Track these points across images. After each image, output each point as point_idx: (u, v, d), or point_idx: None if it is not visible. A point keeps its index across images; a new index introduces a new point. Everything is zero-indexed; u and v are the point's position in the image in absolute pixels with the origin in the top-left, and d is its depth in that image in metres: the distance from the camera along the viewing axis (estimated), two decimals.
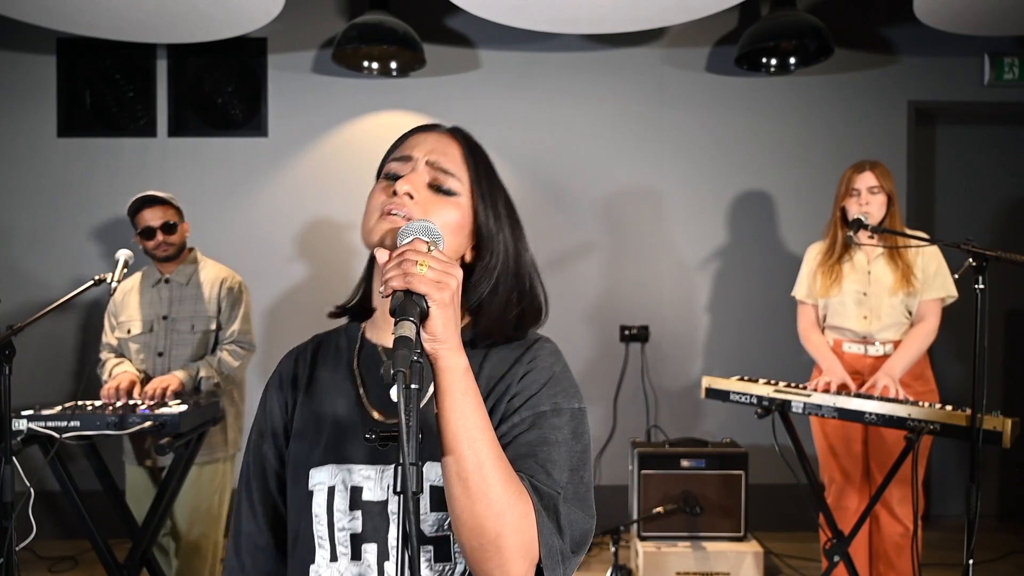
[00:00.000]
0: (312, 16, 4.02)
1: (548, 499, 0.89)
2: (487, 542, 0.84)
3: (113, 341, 2.93)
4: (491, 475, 0.84)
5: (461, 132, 1.08)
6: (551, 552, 0.87)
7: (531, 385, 0.97)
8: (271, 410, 1.09)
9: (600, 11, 3.41)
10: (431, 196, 1.00)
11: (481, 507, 0.84)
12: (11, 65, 4.01)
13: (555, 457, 0.92)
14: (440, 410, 0.86)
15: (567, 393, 0.98)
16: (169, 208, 2.87)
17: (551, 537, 0.87)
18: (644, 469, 3.29)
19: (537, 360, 1.00)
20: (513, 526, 0.85)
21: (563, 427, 0.95)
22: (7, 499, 2.05)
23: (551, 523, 0.88)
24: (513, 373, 0.99)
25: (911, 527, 2.69)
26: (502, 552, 0.85)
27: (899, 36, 4.05)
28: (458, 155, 1.04)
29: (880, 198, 2.78)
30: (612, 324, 4.08)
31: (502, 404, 0.96)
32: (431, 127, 1.08)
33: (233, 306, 2.93)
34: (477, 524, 0.84)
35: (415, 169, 1.01)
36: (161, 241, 2.85)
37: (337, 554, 0.97)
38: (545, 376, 0.98)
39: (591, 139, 4.08)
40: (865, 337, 2.83)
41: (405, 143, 1.06)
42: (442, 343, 0.85)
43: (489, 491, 0.84)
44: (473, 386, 0.87)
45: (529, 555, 0.86)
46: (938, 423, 2.34)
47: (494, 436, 0.87)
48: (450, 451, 0.85)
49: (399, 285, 0.83)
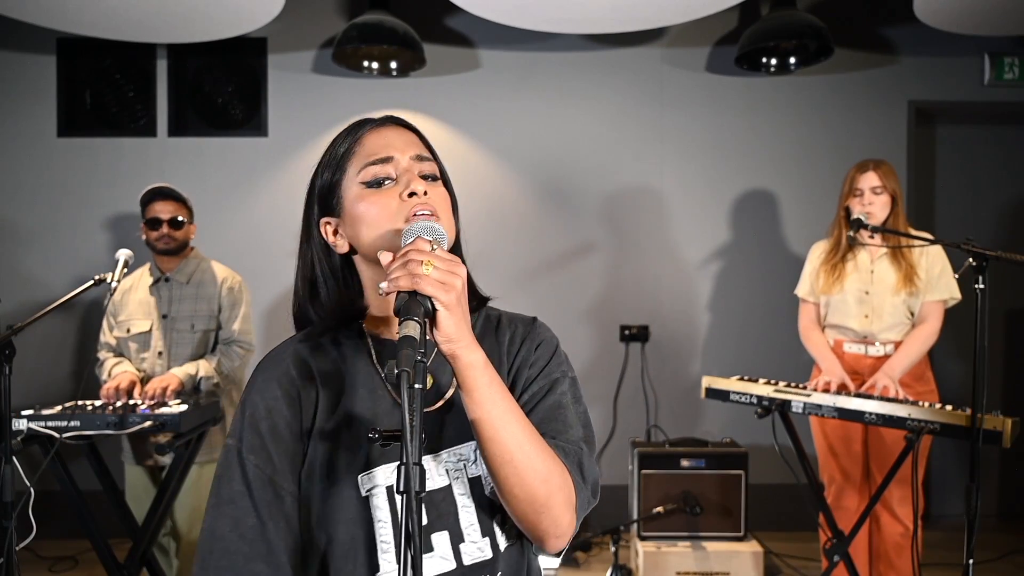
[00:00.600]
0: (312, 16, 4.02)
1: (573, 455, 0.99)
2: (539, 506, 0.93)
3: (112, 340, 2.92)
4: (531, 450, 0.92)
5: (404, 121, 1.11)
6: (582, 503, 0.98)
7: (543, 356, 1.08)
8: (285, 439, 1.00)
9: (600, 11, 3.41)
10: (430, 186, 1.03)
11: (530, 478, 0.92)
12: (11, 65, 4.01)
13: (570, 417, 1.04)
14: (471, 405, 0.90)
15: (567, 363, 1.11)
16: (182, 206, 2.90)
17: (581, 488, 0.98)
18: (644, 469, 3.29)
19: (542, 335, 1.11)
20: (557, 485, 0.94)
21: (569, 391, 1.07)
22: (7, 499, 2.05)
23: (579, 476, 0.99)
24: (527, 346, 1.09)
25: (911, 527, 2.69)
26: (552, 510, 0.94)
27: (899, 36, 4.05)
28: (419, 141, 1.09)
29: (883, 198, 2.78)
30: (612, 324, 4.08)
31: (524, 371, 1.07)
32: (376, 123, 1.08)
33: (233, 306, 2.93)
34: (529, 495, 0.92)
35: (407, 168, 1.02)
36: (165, 234, 2.85)
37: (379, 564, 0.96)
38: (551, 349, 1.10)
39: (591, 139, 4.08)
40: (866, 337, 2.83)
41: (367, 147, 1.04)
42: (457, 342, 0.87)
43: (534, 463, 0.92)
44: (494, 375, 0.92)
45: (571, 505, 0.96)
46: (938, 423, 2.34)
47: (522, 412, 0.95)
48: (491, 439, 0.91)
49: (406, 286, 0.84)
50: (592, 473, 1.01)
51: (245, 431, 0.99)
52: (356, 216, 1.01)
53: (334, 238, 1.06)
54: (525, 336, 1.10)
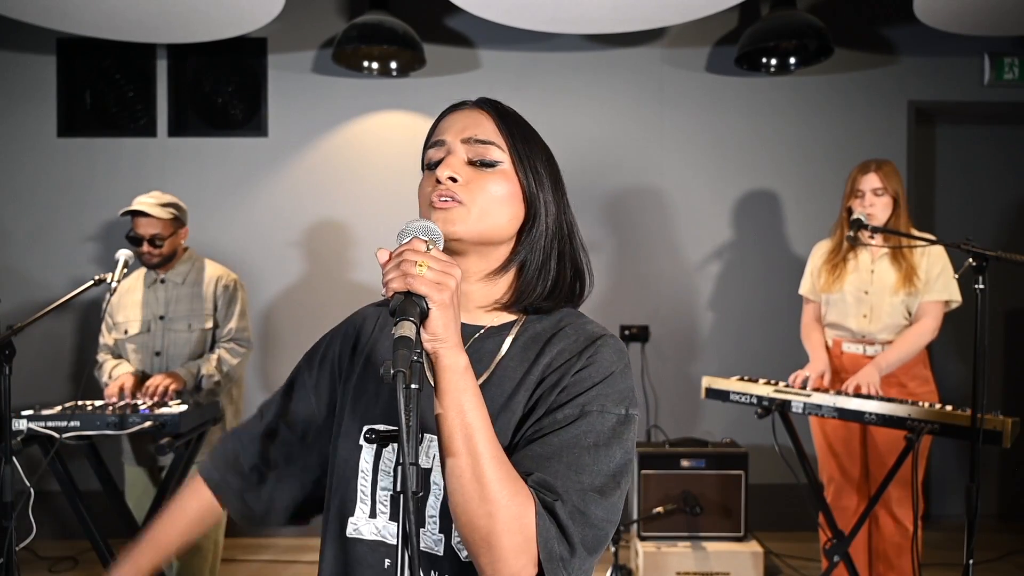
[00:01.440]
0: (312, 16, 4.02)
1: (557, 503, 0.87)
2: (479, 538, 0.84)
3: (110, 342, 2.93)
4: (486, 474, 0.84)
5: (489, 101, 1.06)
6: (551, 557, 0.86)
7: (584, 381, 0.95)
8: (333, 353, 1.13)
9: (600, 11, 3.41)
10: (474, 172, 1.00)
11: (473, 505, 0.84)
12: (11, 65, 4.01)
13: (587, 461, 0.90)
14: (440, 408, 0.86)
15: (619, 397, 0.95)
16: (163, 222, 2.82)
17: (551, 541, 0.86)
18: (644, 469, 3.29)
19: (598, 356, 0.97)
20: (505, 526, 0.84)
21: (603, 431, 0.92)
22: (7, 499, 2.05)
23: (555, 528, 0.86)
24: (569, 365, 0.97)
25: (911, 527, 2.69)
26: (493, 550, 0.84)
27: (899, 36, 4.05)
28: (490, 124, 1.02)
29: (884, 199, 2.78)
30: (612, 324, 4.08)
31: (552, 394, 0.95)
32: (459, 105, 1.07)
33: (229, 304, 2.93)
34: (469, 520, 0.84)
35: (451, 151, 1.01)
36: (147, 251, 2.84)
37: (376, 512, 1.00)
38: (601, 375, 0.95)
39: (591, 139, 4.08)
40: (864, 336, 2.83)
41: (437, 128, 1.05)
42: (442, 342, 0.85)
43: (482, 490, 0.83)
44: (473, 384, 0.87)
45: (525, 555, 0.85)
46: (938, 423, 2.34)
47: (493, 435, 0.86)
48: (447, 448, 0.85)
49: (398, 287, 0.84)
50: (585, 527, 0.88)
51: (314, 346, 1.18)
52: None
53: None
54: (575, 353, 0.98)
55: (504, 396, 0.97)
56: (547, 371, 0.97)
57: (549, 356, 0.99)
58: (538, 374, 0.97)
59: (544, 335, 1.02)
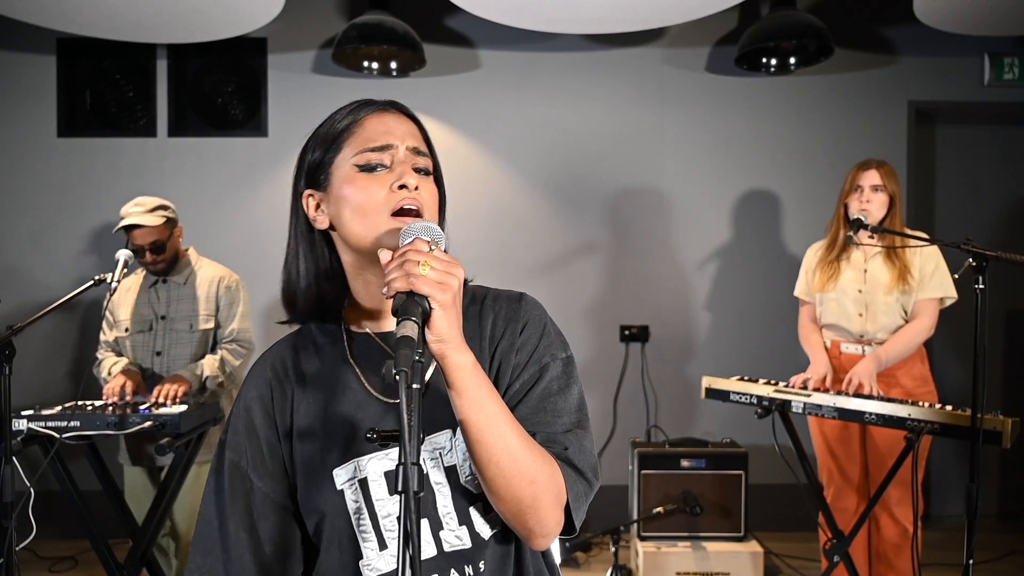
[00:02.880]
0: (312, 16, 4.02)
1: (564, 449, 0.97)
2: (526, 507, 0.92)
3: (111, 339, 2.93)
4: (518, 452, 0.91)
5: (404, 108, 1.08)
6: (577, 496, 0.96)
7: (531, 339, 1.04)
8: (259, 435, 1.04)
9: (600, 11, 3.41)
10: (421, 179, 1.01)
11: (516, 481, 0.91)
12: (11, 65, 4.01)
13: (561, 405, 1.01)
14: (459, 405, 0.90)
15: (558, 343, 1.06)
16: (159, 228, 2.80)
17: (575, 483, 0.96)
18: (644, 469, 3.29)
19: (528, 314, 1.07)
20: (545, 487, 0.92)
21: (562, 375, 1.03)
22: (7, 499, 2.05)
23: (572, 471, 0.96)
24: (511, 330, 1.05)
25: (910, 528, 2.69)
26: (539, 511, 0.93)
27: (899, 36, 4.05)
28: (419, 134, 1.06)
29: (882, 197, 2.78)
30: (612, 324, 4.08)
31: (510, 358, 1.03)
32: (379, 107, 1.06)
33: (231, 305, 2.93)
34: (514, 496, 0.91)
35: (403, 160, 1.01)
36: (151, 260, 2.83)
37: (386, 541, 0.99)
38: (540, 329, 1.06)
39: (591, 139, 4.08)
40: (862, 336, 2.83)
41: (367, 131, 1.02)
42: (448, 343, 0.86)
43: (520, 466, 0.91)
44: (483, 377, 0.91)
45: (560, 503, 0.95)
46: (938, 423, 2.34)
47: (510, 413, 0.93)
48: (478, 442, 0.90)
49: (402, 286, 0.84)
50: (587, 460, 0.99)
51: (228, 427, 1.08)
52: (342, 197, 1.00)
53: (315, 212, 1.05)
54: (510, 318, 1.06)
55: None
56: (494, 341, 1.05)
57: (489, 327, 1.06)
58: (488, 346, 1.05)
59: (472, 310, 1.08)
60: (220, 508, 1.03)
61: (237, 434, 1.05)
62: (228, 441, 1.05)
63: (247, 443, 1.04)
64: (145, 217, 2.77)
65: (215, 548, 1.02)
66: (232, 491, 1.03)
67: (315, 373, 1.06)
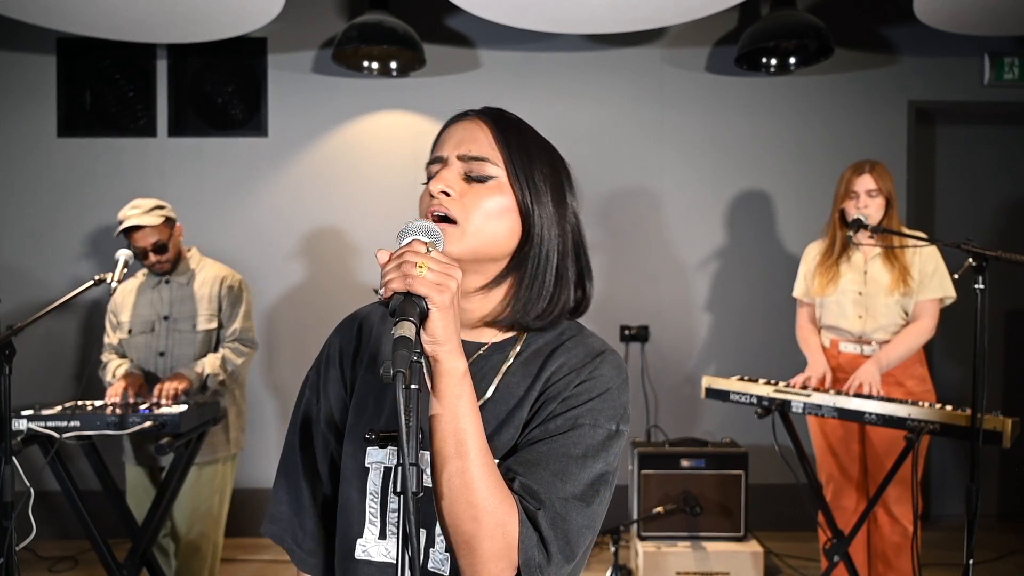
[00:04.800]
0: (312, 16, 4.02)
1: (539, 511, 0.89)
2: (462, 541, 0.87)
3: (115, 341, 2.93)
4: (474, 480, 0.86)
5: (491, 112, 1.05)
6: (529, 564, 0.88)
7: (582, 395, 0.96)
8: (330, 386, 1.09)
9: (600, 11, 3.41)
10: (468, 187, 0.99)
11: (459, 508, 0.86)
12: (11, 65, 4.01)
13: (572, 470, 0.92)
14: (434, 410, 0.87)
15: (612, 412, 0.97)
16: (158, 227, 2.79)
17: (531, 549, 0.88)
18: (644, 469, 3.29)
19: (597, 372, 0.98)
20: (487, 532, 0.86)
21: (596, 445, 0.95)
22: (7, 499, 2.06)
23: (536, 536, 0.88)
24: (570, 379, 0.98)
25: (910, 527, 2.70)
26: (474, 553, 0.87)
27: (899, 36, 4.05)
28: (487, 138, 1.01)
29: (878, 201, 2.78)
30: (612, 324, 4.08)
31: (551, 404, 0.96)
32: (462, 115, 1.06)
33: (234, 304, 2.93)
34: (453, 523, 0.87)
35: (447, 165, 1.00)
36: (155, 261, 2.82)
37: (387, 533, 1.00)
38: (599, 390, 0.97)
39: (591, 139, 4.08)
40: (861, 337, 2.83)
41: (438, 142, 1.05)
42: (442, 345, 0.85)
43: (469, 495, 0.85)
44: (469, 390, 0.88)
45: (504, 560, 0.87)
46: (938, 423, 2.34)
47: (484, 442, 0.88)
48: (438, 451, 0.87)
49: (399, 287, 0.84)
50: (563, 536, 0.90)
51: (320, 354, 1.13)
52: None
53: None
54: (576, 367, 0.98)
55: (507, 411, 0.98)
56: (548, 384, 0.98)
57: (550, 370, 0.99)
58: (539, 388, 0.98)
59: (546, 349, 1.02)
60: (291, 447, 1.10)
61: (319, 377, 1.10)
62: (310, 379, 1.12)
63: (322, 389, 1.09)
64: (144, 218, 2.76)
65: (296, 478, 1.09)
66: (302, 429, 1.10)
67: (387, 350, 1.06)
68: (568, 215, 1.04)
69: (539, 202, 1.01)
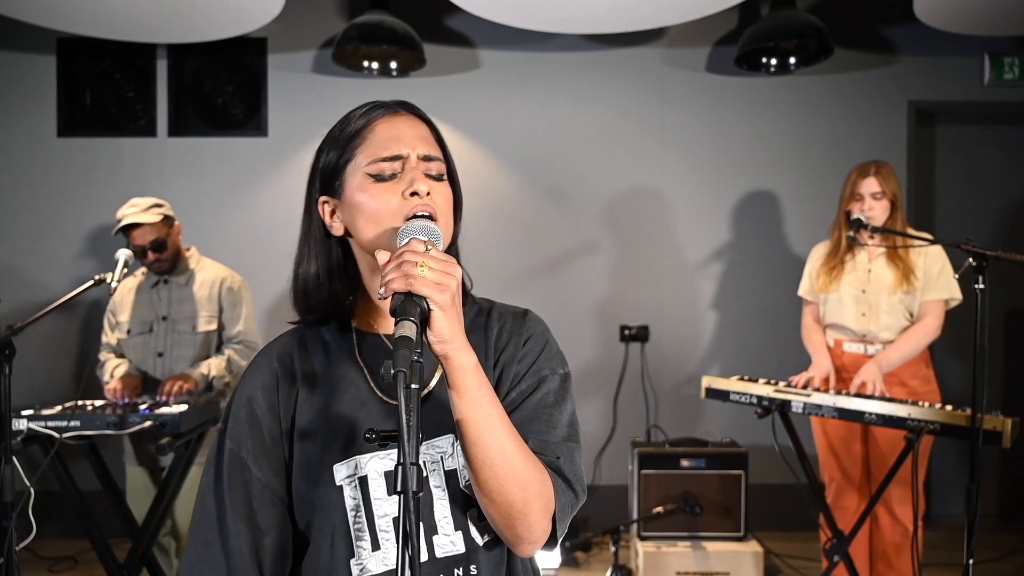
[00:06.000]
0: (312, 16, 4.02)
1: (557, 459, 0.99)
2: (516, 512, 0.93)
3: (113, 341, 2.92)
4: (513, 456, 0.92)
5: (416, 108, 1.08)
6: (564, 506, 0.98)
7: (532, 351, 1.07)
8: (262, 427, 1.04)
9: (600, 11, 3.41)
10: (433, 184, 1.02)
11: (509, 484, 0.92)
12: (11, 65, 4.01)
13: (555, 416, 1.03)
14: (459, 405, 0.90)
15: (558, 359, 1.09)
16: (156, 225, 2.79)
17: (564, 493, 0.98)
18: (644, 469, 3.29)
19: (532, 328, 1.10)
20: (536, 492, 0.94)
21: (559, 389, 1.05)
22: (7, 499, 2.06)
23: (562, 481, 0.99)
24: (515, 342, 1.07)
25: (910, 528, 2.69)
26: (528, 516, 0.94)
27: (899, 36, 4.05)
28: (430, 135, 1.06)
29: (883, 203, 2.78)
30: (612, 324, 4.08)
31: (511, 368, 1.05)
32: (389, 110, 1.05)
33: (235, 306, 2.93)
34: (506, 500, 0.93)
35: (415, 166, 1.01)
36: (153, 260, 2.82)
37: (380, 541, 0.99)
38: (541, 343, 1.08)
39: (591, 139, 4.08)
40: (864, 336, 2.83)
41: (377, 137, 1.02)
42: (450, 343, 0.87)
43: (514, 469, 0.92)
44: (484, 379, 0.92)
45: (548, 512, 0.97)
46: (938, 423, 2.34)
47: (507, 419, 0.95)
48: (474, 443, 0.91)
49: (400, 287, 0.84)
50: (576, 473, 1.01)
51: (228, 416, 1.07)
52: (356, 205, 1.01)
53: (330, 219, 1.06)
54: (514, 331, 1.08)
55: None
56: (498, 351, 1.07)
57: (494, 337, 1.08)
58: (493, 355, 1.07)
59: (479, 321, 1.10)
60: (219, 498, 1.02)
61: (238, 423, 1.04)
62: (228, 431, 1.05)
63: (248, 433, 1.04)
64: (142, 215, 2.76)
65: (215, 539, 1.01)
66: (231, 481, 1.02)
67: (322, 370, 1.06)
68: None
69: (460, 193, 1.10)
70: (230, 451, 1.03)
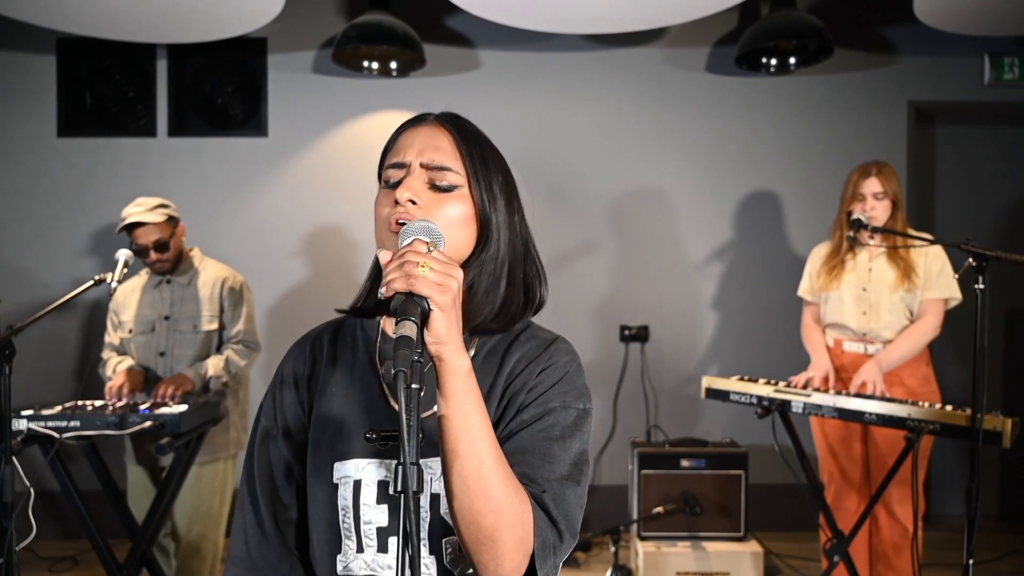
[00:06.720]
0: (312, 16, 4.02)
1: (544, 494, 0.93)
2: (483, 536, 0.88)
3: (116, 340, 2.93)
4: (490, 474, 0.87)
5: (450, 118, 1.06)
6: (544, 545, 0.91)
7: (545, 382, 1.01)
8: (287, 408, 1.09)
9: (600, 11, 3.41)
10: (433, 196, 1.00)
11: (479, 504, 0.87)
12: (11, 65, 4.01)
13: (556, 452, 0.96)
14: (443, 410, 0.87)
15: (576, 393, 1.02)
16: (160, 225, 2.79)
17: (545, 531, 0.91)
18: (644, 469, 3.29)
19: (554, 359, 1.03)
20: (509, 521, 0.88)
21: (570, 425, 0.99)
22: (7, 499, 2.05)
23: (545, 517, 0.92)
24: (530, 370, 1.02)
25: (910, 528, 2.69)
26: (496, 546, 0.88)
27: (899, 36, 4.05)
28: (449, 145, 1.03)
29: (884, 203, 2.78)
30: (612, 324, 4.09)
31: (519, 396, 1.00)
32: (420, 120, 1.06)
33: (236, 306, 2.93)
34: (475, 520, 0.87)
35: (411, 173, 1.01)
36: (155, 260, 2.82)
37: (363, 546, 1.00)
38: (559, 375, 1.02)
39: (591, 139, 4.08)
40: (865, 335, 2.83)
41: (396, 145, 1.04)
42: (446, 345, 0.86)
43: (488, 489, 0.87)
44: (475, 387, 0.89)
45: (523, 548, 0.89)
46: (938, 423, 2.34)
47: (494, 436, 0.90)
48: (451, 450, 0.87)
49: (401, 287, 0.84)
50: (566, 513, 0.94)
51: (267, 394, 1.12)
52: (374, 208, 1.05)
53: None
54: (533, 358, 1.03)
55: None
56: (510, 378, 1.02)
57: (509, 365, 1.03)
58: (503, 384, 1.02)
59: (501, 347, 1.05)
60: (250, 477, 1.08)
61: (273, 403, 1.10)
62: (264, 407, 1.10)
63: (277, 412, 1.09)
64: (147, 215, 2.76)
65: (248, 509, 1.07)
66: (260, 458, 1.08)
67: (346, 364, 1.08)
68: (518, 221, 1.09)
69: (496, 210, 1.05)
70: (264, 428, 1.09)
